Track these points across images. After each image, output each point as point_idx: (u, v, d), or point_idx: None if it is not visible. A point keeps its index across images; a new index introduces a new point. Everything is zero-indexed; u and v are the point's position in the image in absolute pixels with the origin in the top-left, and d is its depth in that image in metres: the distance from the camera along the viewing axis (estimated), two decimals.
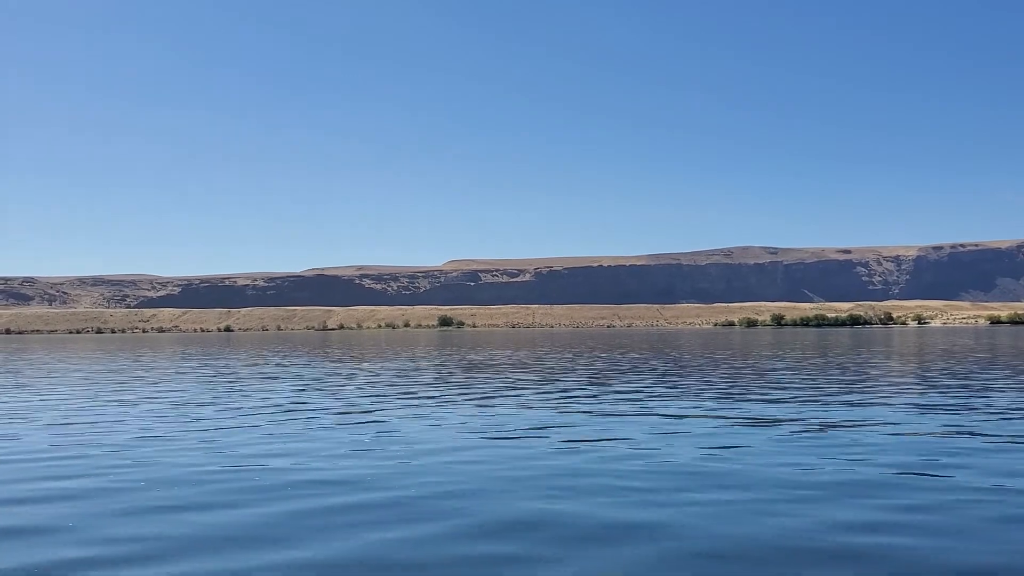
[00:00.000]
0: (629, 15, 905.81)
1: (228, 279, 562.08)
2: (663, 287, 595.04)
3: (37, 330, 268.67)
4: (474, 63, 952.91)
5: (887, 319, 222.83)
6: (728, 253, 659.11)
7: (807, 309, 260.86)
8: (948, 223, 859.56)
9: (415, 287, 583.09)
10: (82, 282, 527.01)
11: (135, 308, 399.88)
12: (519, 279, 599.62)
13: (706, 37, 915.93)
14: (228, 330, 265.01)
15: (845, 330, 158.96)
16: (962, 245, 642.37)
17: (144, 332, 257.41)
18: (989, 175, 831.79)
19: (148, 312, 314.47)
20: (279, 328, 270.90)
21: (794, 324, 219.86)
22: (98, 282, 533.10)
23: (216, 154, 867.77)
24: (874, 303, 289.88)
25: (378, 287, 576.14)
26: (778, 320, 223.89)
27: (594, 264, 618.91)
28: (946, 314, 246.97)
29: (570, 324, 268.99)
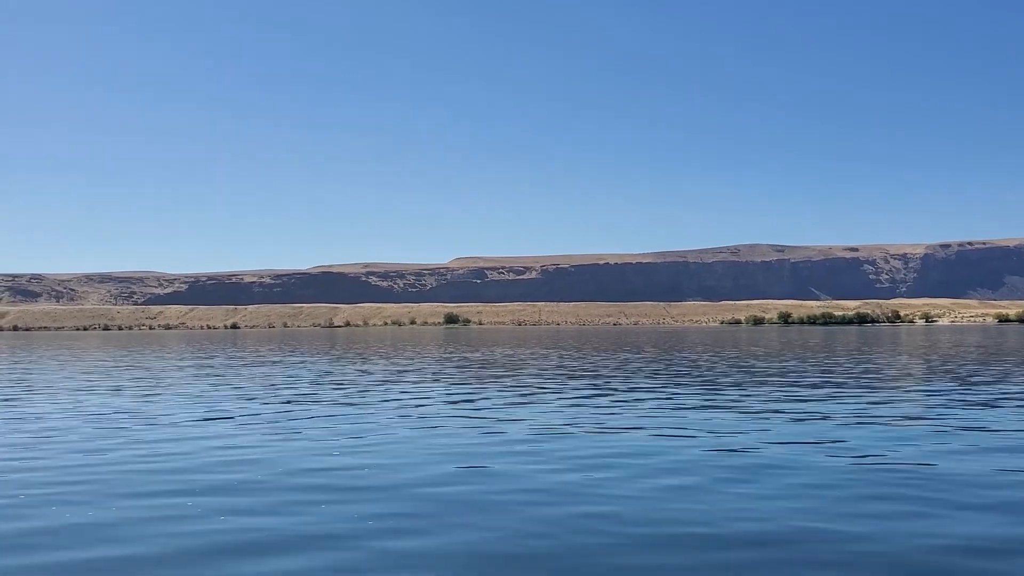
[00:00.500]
0: (635, 14, 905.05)
1: (235, 276, 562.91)
2: (670, 285, 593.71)
3: (44, 327, 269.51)
4: (481, 61, 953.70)
5: (894, 317, 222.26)
6: (735, 251, 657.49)
7: (814, 307, 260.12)
8: (956, 221, 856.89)
9: (421, 284, 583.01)
10: (89, 279, 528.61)
11: (142, 305, 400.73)
12: (525, 277, 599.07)
13: (713, 36, 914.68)
14: (235, 327, 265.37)
15: (853, 328, 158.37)
16: (970, 243, 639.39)
17: (151, 329, 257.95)
18: (997, 173, 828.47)
19: (155, 309, 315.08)
20: (285, 325, 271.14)
21: (801, 322, 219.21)
22: (105, 279, 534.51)
23: (223, 152, 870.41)
24: (881, 301, 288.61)
25: (384, 284, 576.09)
26: (785, 318, 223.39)
27: (600, 262, 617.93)
28: (954, 312, 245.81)
29: (576, 322, 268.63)
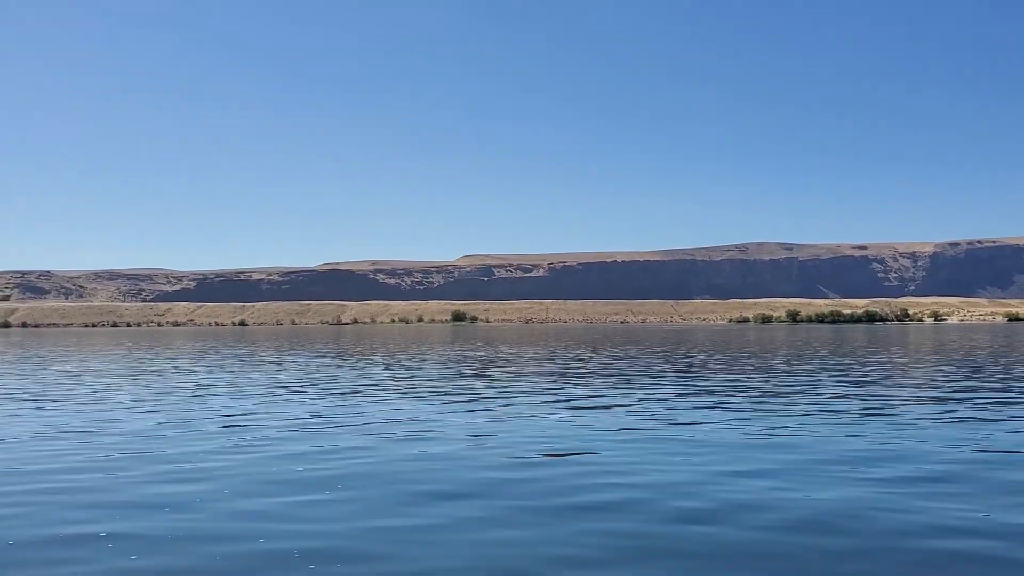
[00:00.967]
0: (644, 13, 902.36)
1: (243, 273, 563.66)
2: (677, 283, 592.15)
3: (53, 323, 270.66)
4: (489, 59, 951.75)
5: (903, 316, 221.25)
6: (743, 249, 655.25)
7: (822, 305, 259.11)
8: (965, 219, 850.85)
9: (429, 282, 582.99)
10: (98, 276, 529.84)
11: (150, 302, 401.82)
12: (533, 274, 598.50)
13: (721, 33, 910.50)
14: (243, 324, 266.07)
15: (861, 327, 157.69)
16: (979, 242, 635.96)
17: (159, 326, 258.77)
18: (1007, 171, 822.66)
19: (163, 306, 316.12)
20: (293, 322, 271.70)
21: (809, 320, 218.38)
22: (114, 276, 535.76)
23: (231, 149, 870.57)
24: (890, 300, 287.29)
25: (392, 282, 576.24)
26: (793, 316, 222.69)
27: (608, 260, 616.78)
28: (963, 311, 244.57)
29: (584, 320, 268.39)
